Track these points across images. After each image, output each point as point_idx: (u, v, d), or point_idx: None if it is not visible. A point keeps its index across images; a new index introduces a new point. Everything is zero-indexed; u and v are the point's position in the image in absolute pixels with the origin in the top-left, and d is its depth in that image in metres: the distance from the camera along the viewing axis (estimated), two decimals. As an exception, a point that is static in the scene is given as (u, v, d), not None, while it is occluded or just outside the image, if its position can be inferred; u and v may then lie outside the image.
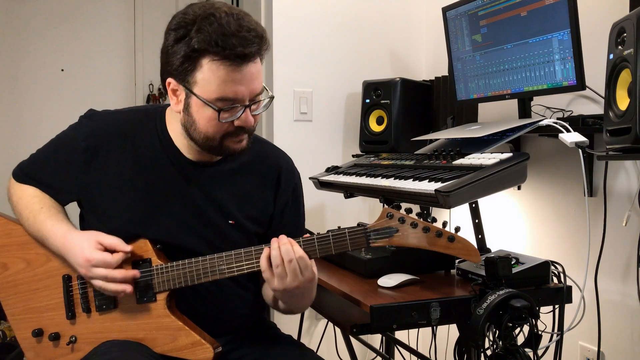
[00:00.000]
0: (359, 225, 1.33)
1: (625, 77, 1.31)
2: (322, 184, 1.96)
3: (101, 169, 1.32)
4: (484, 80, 1.89)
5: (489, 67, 1.86)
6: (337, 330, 2.31)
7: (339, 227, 1.31)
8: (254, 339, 1.42)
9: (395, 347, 2.27)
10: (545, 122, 1.57)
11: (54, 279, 1.34)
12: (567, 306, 1.45)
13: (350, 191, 1.86)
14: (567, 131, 1.52)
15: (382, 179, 1.67)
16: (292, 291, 1.21)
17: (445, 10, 2.00)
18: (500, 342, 1.28)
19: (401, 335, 2.45)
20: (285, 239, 1.20)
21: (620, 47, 1.31)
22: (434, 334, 2.15)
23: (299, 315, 2.12)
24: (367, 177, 1.75)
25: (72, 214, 1.39)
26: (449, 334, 2.12)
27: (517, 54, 1.74)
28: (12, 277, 1.37)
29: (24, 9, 3.55)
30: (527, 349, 1.32)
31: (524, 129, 1.60)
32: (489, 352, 1.31)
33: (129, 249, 1.25)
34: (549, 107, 1.85)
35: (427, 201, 1.46)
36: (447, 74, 2.15)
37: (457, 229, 1.22)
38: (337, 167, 2.00)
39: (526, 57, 1.72)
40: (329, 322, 2.20)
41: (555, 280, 1.48)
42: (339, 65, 2.51)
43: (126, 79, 3.84)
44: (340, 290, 1.47)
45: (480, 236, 1.75)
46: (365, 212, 2.58)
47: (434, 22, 2.46)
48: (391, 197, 1.66)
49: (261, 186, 1.40)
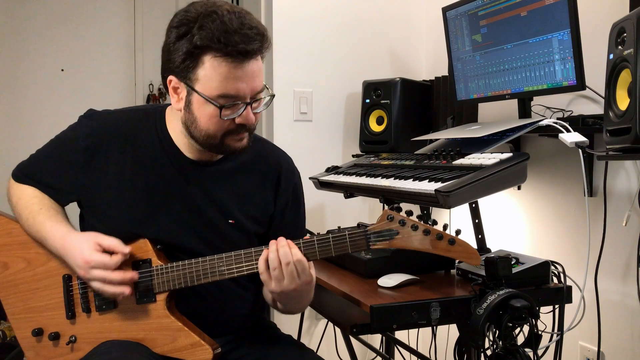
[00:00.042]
0: (359, 225, 1.33)
1: (625, 77, 1.31)
2: (322, 184, 1.95)
3: (101, 169, 1.31)
4: (484, 80, 1.89)
5: (489, 67, 1.86)
6: (337, 330, 2.31)
7: (339, 228, 1.31)
8: (254, 339, 1.42)
9: (395, 347, 2.27)
10: (545, 122, 1.57)
11: (54, 278, 1.34)
12: (567, 306, 1.45)
13: (350, 191, 1.86)
14: (567, 131, 1.52)
15: (382, 179, 1.67)
16: (289, 293, 1.21)
17: (445, 10, 2.00)
18: (500, 342, 1.28)
19: (401, 335, 2.45)
20: (283, 241, 1.20)
21: (620, 47, 1.31)
22: (434, 334, 2.15)
23: (299, 315, 2.12)
24: (367, 177, 1.75)
25: (72, 214, 1.39)
26: (449, 334, 2.12)
27: (517, 54, 1.74)
28: (12, 276, 1.37)
29: (24, 9, 3.55)
30: (527, 349, 1.32)
31: (524, 129, 1.60)
32: (489, 352, 1.31)
33: (127, 251, 1.25)
34: (549, 107, 1.85)
35: (427, 201, 1.46)
36: (447, 74, 2.15)
37: (457, 231, 1.22)
38: (337, 167, 2.00)
39: (526, 57, 1.71)
40: (329, 322, 2.20)
41: (555, 280, 1.48)
42: (339, 65, 2.51)
43: (126, 79, 3.84)
44: (340, 290, 1.47)
45: (480, 236, 1.75)
46: (365, 212, 2.58)
47: (434, 22, 2.46)
48: (391, 197, 1.66)
49: (261, 185, 1.40)
